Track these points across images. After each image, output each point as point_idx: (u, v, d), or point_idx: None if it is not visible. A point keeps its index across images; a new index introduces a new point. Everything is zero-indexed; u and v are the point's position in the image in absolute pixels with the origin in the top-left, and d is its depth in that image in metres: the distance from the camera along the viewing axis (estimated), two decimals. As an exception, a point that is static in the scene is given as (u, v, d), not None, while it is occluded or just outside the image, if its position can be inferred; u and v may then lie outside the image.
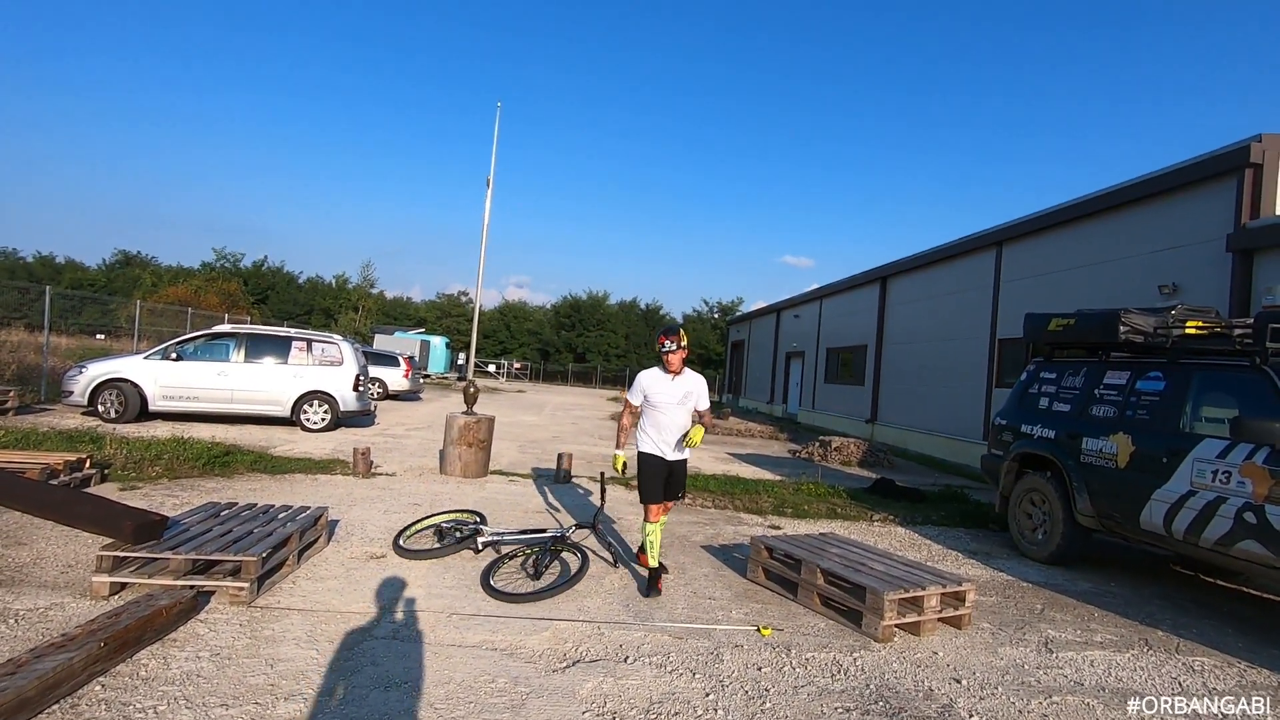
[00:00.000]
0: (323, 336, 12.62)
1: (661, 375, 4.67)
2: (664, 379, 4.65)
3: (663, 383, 4.65)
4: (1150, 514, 5.24)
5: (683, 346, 4.61)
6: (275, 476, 7.53)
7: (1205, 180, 9.59)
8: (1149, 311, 5.98)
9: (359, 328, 49.60)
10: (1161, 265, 10.16)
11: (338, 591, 4.16)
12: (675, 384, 4.64)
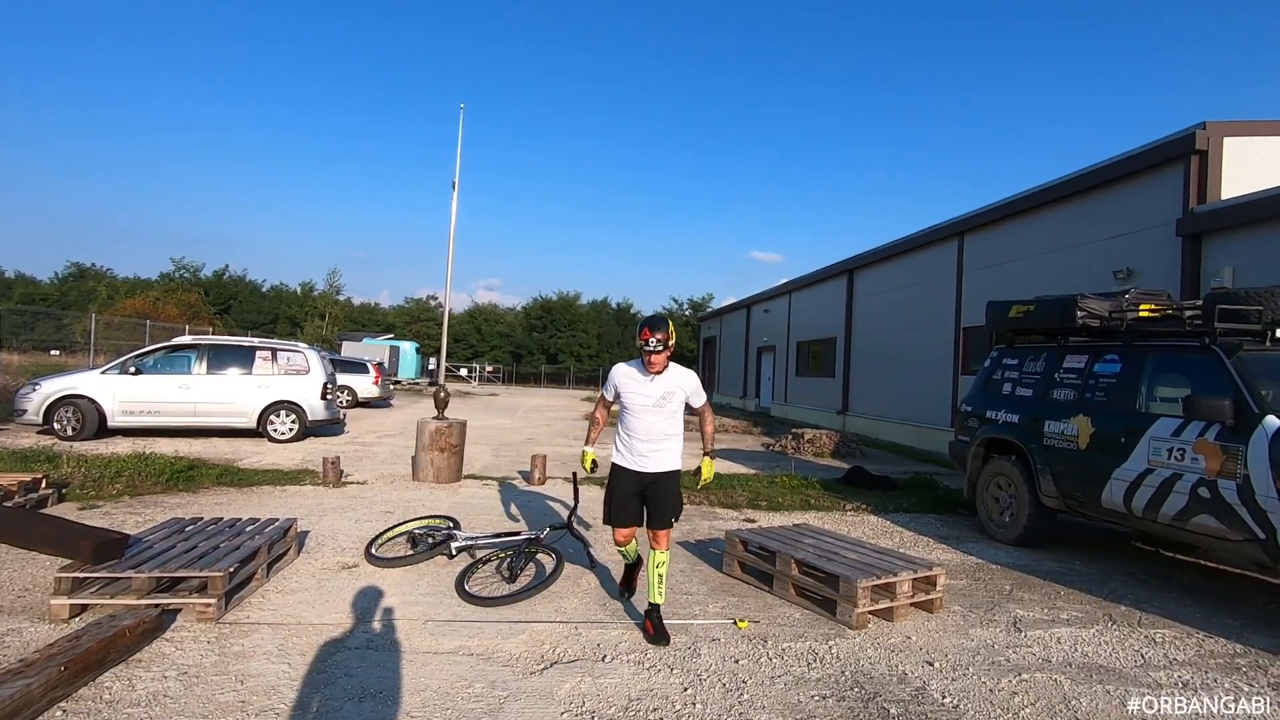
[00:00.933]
0: (288, 345, 12.40)
1: (638, 373, 3.90)
2: (639, 378, 3.89)
3: (638, 382, 3.89)
4: (1111, 493, 5.39)
5: (669, 346, 3.76)
6: (242, 489, 7.38)
7: (1154, 167, 9.89)
8: (1104, 296, 6.14)
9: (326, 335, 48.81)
10: (1116, 251, 10.46)
11: (309, 603, 4.09)
12: (653, 384, 3.87)
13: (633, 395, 3.90)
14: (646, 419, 3.88)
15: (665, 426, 3.90)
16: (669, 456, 3.95)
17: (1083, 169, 11.34)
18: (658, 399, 3.85)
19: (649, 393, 3.86)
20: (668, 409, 3.89)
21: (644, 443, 3.90)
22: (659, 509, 3.89)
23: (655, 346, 3.71)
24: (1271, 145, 9.36)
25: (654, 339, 3.70)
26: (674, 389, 3.90)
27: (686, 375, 3.98)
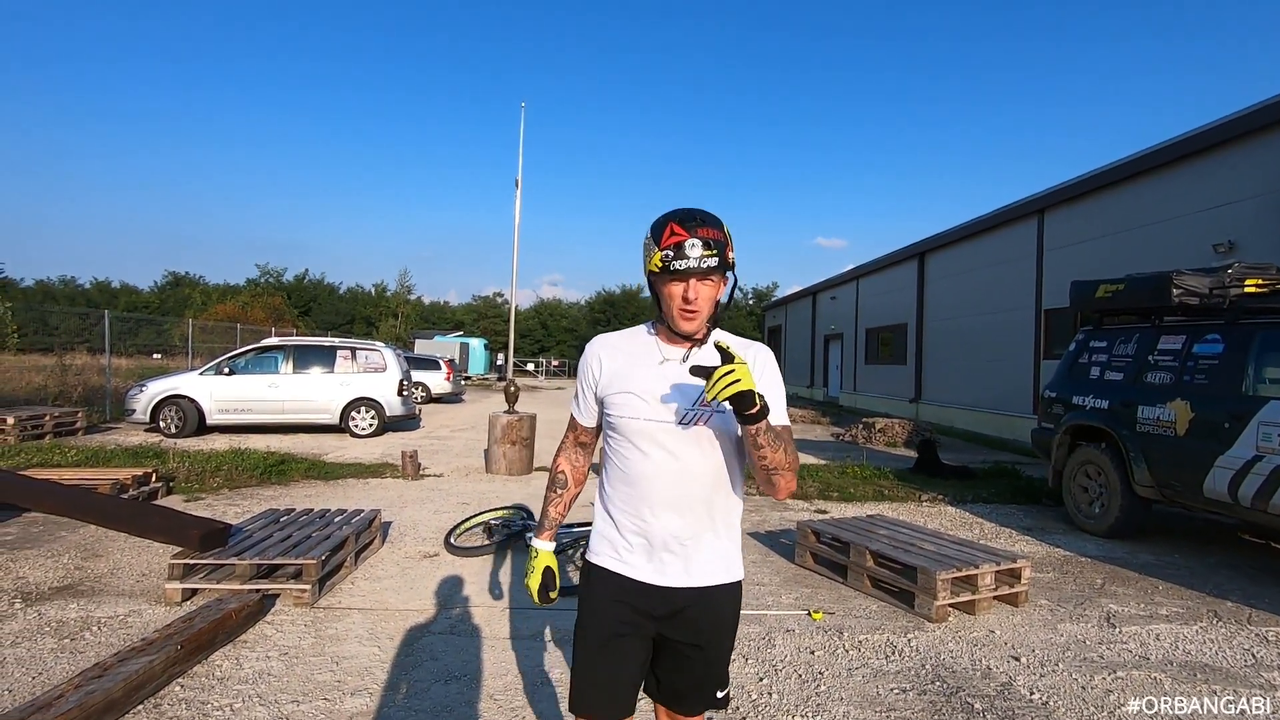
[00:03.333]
0: (366, 344, 12.93)
1: (642, 349, 1.70)
2: (647, 356, 1.68)
3: (645, 368, 1.66)
4: (1214, 482, 5.06)
5: (725, 264, 1.55)
6: (329, 482, 7.77)
7: (1257, 131, 9.15)
8: (1203, 272, 5.75)
9: (399, 334, 50.62)
10: (1214, 223, 9.74)
11: (395, 590, 4.28)
12: (682, 368, 1.62)
13: (635, 401, 1.63)
14: (667, 457, 1.61)
15: (709, 472, 1.64)
16: (720, 549, 1.69)
17: (1174, 137, 10.60)
18: (692, 407, 1.59)
19: (673, 393, 1.61)
20: (716, 430, 1.61)
21: (663, 515, 1.63)
22: (694, 674, 1.71)
23: (694, 261, 1.51)
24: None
25: (692, 240, 1.51)
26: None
27: (758, 354, 1.66)
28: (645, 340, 1.72)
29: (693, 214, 1.55)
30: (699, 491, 1.62)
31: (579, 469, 1.91)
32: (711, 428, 1.59)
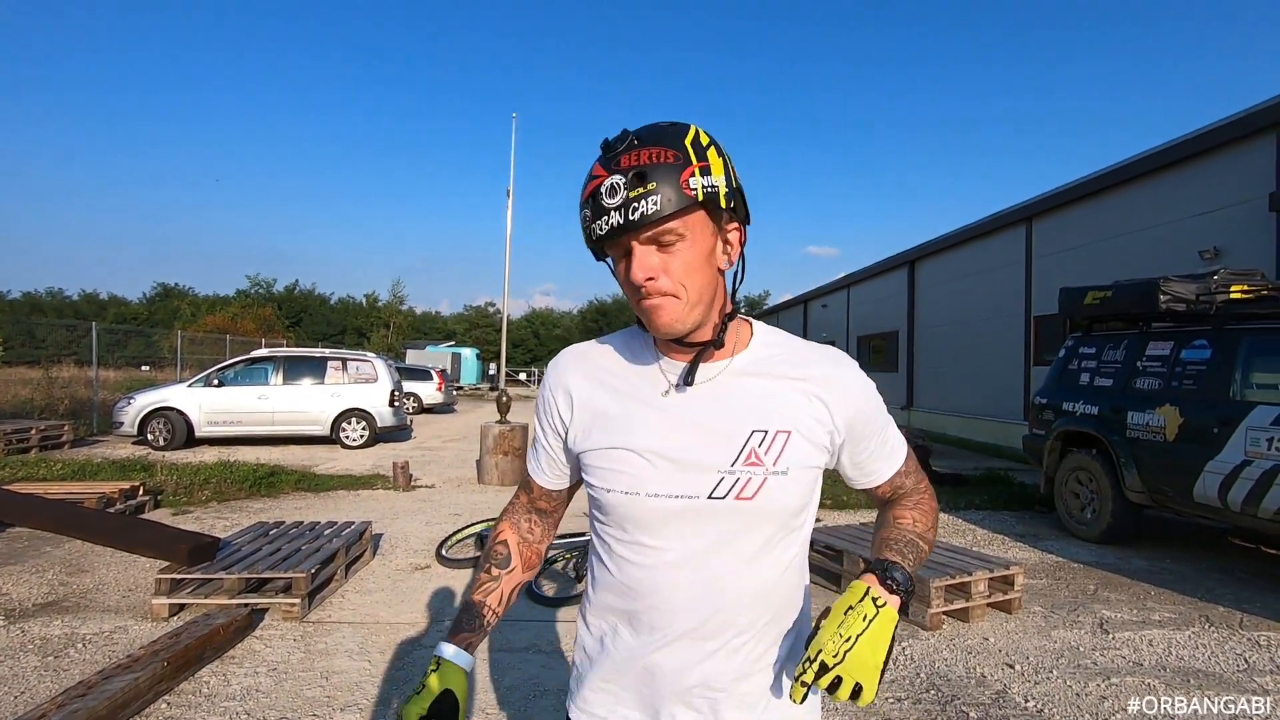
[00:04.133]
0: (357, 355, 12.87)
1: (648, 357, 1.02)
2: (654, 376, 1.00)
3: (651, 403, 0.98)
4: (1204, 487, 5.08)
5: (698, 203, 0.87)
6: (319, 494, 7.70)
7: (1242, 139, 9.27)
8: (1190, 278, 5.80)
9: (391, 344, 50.45)
10: (1200, 230, 9.84)
11: (386, 603, 4.24)
12: (687, 401, 0.97)
13: (633, 463, 0.96)
14: (688, 556, 0.95)
15: (761, 576, 0.97)
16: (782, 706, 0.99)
17: (1160, 145, 10.73)
18: (731, 468, 0.93)
19: (689, 442, 0.95)
20: (774, 502, 0.94)
21: (680, 650, 0.96)
22: None
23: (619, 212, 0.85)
24: (1376, 108, 8.63)
25: (610, 179, 0.86)
26: (788, 415, 0.96)
27: (842, 379, 1.01)
28: (640, 352, 1.02)
29: (623, 135, 0.88)
30: (745, 609, 0.95)
31: (531, 546, 1.18)
32: (765, 501, 0.92)
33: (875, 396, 1.04)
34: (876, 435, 1.04)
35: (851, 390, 1.00)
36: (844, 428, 1.00)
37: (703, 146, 0.89)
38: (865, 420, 1.02)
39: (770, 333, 1.06)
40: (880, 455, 1.06)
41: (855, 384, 1.01)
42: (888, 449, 1.07)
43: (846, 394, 1.00)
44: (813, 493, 1.00)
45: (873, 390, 1.04)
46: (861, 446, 1.04)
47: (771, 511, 0.95)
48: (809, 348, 1.04)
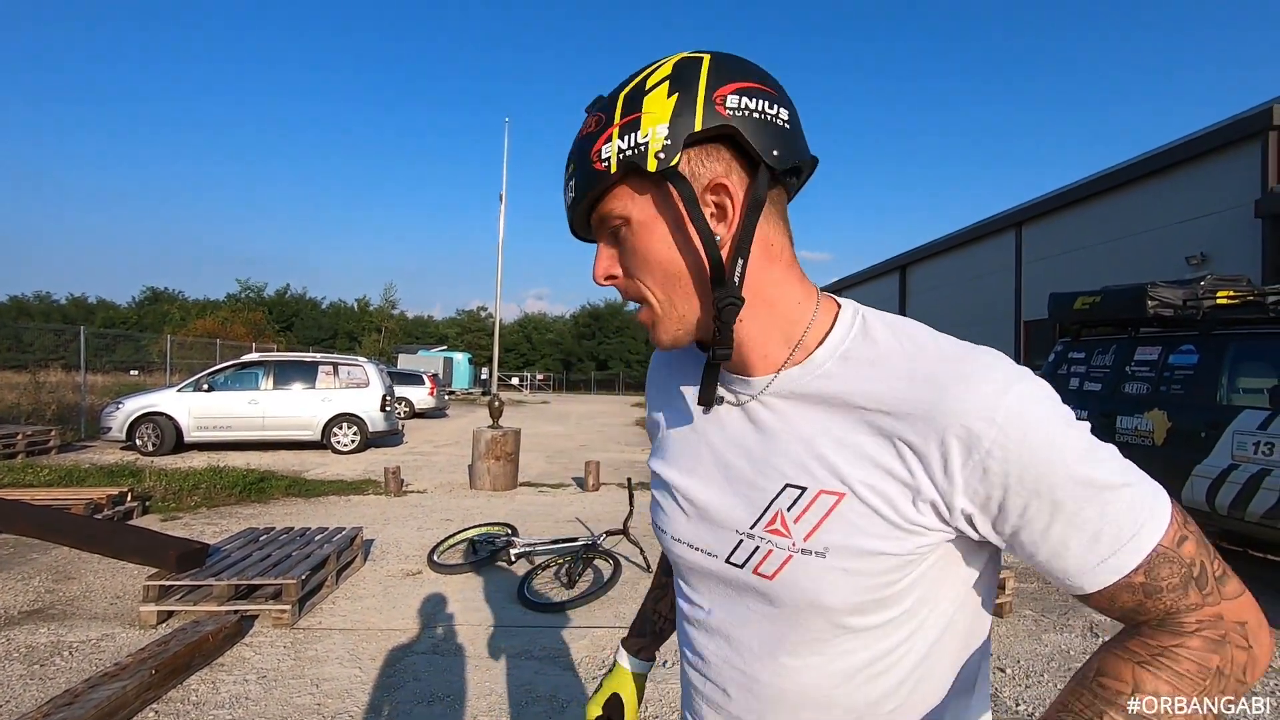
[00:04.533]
0: (348, 359, 12.83)
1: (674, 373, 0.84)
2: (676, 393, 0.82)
3: (687, 416, 0.80)
4: (1192, 491, 5.12)
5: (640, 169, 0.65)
6: (310, 500, 7.66)
7: (1228, 146, 9.38)
8: (1177, 284, 5.85)
9: (383, 348, 50.30)
10: (1188, 236, 9.95)
11: (377, 609, 4.21)
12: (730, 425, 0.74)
13: (667, 497, 0.80)
14: (715, 623, 0.75)
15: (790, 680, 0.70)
16: None
17: (1148, 151, 10.84)
18: (749, 531, 0.70)
19: (710, 479, 0.75)
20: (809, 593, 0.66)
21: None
22: None
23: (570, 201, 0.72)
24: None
25: (569, 161, 0.72)
26: (842, 468, 0.65)
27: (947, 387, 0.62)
28: (698, 356, 0.80)
29: (595, 101, 0.71)
30: (787, 713, 0.71)
31: None
32: (788, 588, 0.67)
33: (1045, 436, 0.59)
34: (1046, 509, 0.60)
35: (976, 429, 0.59)
36: (965, 495, 0.61)
37: (642, 93, 0.65)
38: (1017, 482, 0.60)
39: (864, 326, 0.69)
40: (1062, 544, 0.61)
41: (986, 416, 0.59)
42: (1080, 534, 0.60)
43: (967, 436, 0.60)
44: (888, 587, 0.65)
45: (1040, 424, 0.59)
46: (1015, 523, 0.62)
47: (799, 603, 0.67)
48: (921, 353, 0.66)
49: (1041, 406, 0.61)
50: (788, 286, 0.69)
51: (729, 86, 0.64)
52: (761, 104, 0.65)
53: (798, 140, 0.67)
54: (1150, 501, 0.62)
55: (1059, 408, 0.61)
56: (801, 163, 0.68)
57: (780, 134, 0.65)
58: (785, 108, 0.67)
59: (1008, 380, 0.61)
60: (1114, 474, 0.61)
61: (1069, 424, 0.61)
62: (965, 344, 0.67)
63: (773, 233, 0.69)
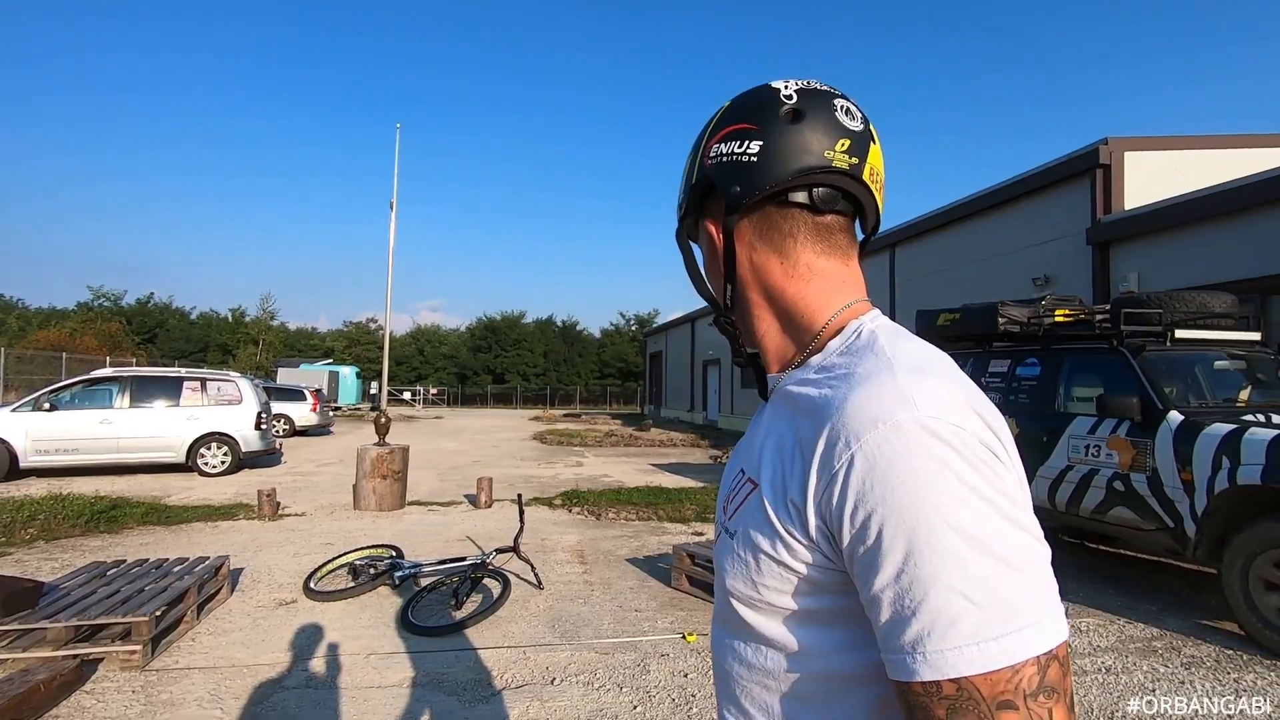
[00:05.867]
0: (219, 374, 11.95)
1: None
2: None
3: None
4: (1037, 490, 5.66)
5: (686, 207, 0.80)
6: (171, 528, 7.04)
7: (1065, 180, 10.51)
8: (1023, 303, 6.48)
9: (260, 362, 47.09)
10: (1035, 259, 11.04)
11: (244, 644, 3.93)
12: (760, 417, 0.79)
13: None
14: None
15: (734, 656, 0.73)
16: None
17: (1003, 181, 11.96)
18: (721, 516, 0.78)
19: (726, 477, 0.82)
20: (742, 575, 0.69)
21: None
22: None
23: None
24: (1166, 159, 10.07)
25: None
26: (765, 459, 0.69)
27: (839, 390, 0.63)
28: None
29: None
30: (732, 693, 0.74)
31: None
32: (719, 557, 0.74)
33: (896, 475, 0.54)
34: (867, 561, 0.55)
35: (837, 448, 0.58)
36: (815, 512, 0.60)
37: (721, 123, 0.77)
38: (848, 517, 0.56)
39: (855, 338, 0.69)
40: (881, 614, 0.54)
41: (846, 436, 0.57)
42: (888, 607, 0.53)
43: (826, 452, 0.59)
44: (764, 590, 0.65)
45: (895, 463, 0.54)
46: (851, 566, 0.58)
47: (719, 573, 0.74)
48: (862, 363, 0.64)
49: (919, 451, 0.54)
50: (801, 299, 0.74)
51: (716, 136, 0.75)
52: (733, 145, 0.73)
53: (771, 167, 0.70)
54: (990, 626, 0.50)
55: (953, 463, 0.54)
56: (779, 186, 0.71)
57: (743, 169, 0.72)
58: (765, 139, 0.71)
59: (889, 411, 0.56)
60: (971, 565, 0.51)
61: (961, 485, 0.53)
62: (909, 360, 0.63)
63: (782, 254, 0.74)
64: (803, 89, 0.74)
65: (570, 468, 12.97)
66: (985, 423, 0.59)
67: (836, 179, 0.72)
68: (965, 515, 0.52)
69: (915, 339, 0.69)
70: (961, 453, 0.55)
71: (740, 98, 0.76)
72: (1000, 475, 0.56)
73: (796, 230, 0.74)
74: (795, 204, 0.73)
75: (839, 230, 0.75)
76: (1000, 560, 0.52)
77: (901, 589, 0.52)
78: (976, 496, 0.53)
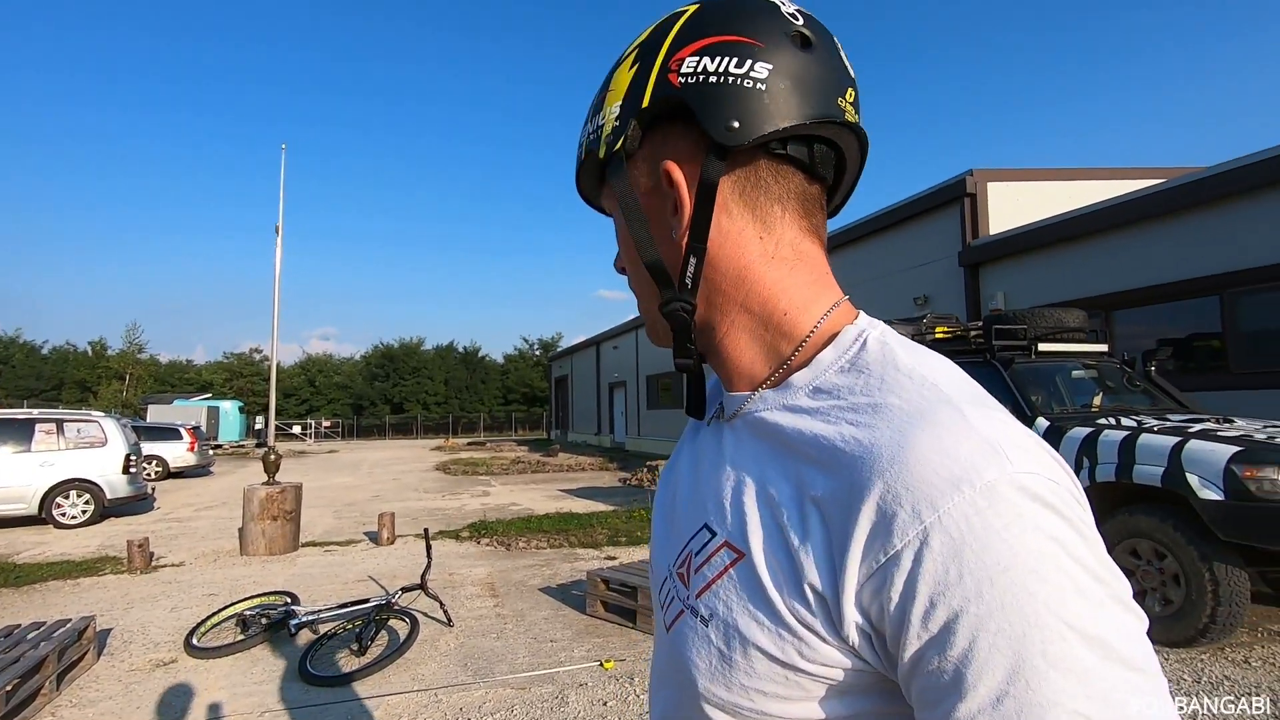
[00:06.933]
0: (78, 415, 10.84)
1: None
2: None
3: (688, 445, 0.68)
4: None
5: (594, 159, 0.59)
6: (21, 589, 6.27)
7: (938, 207, 11.39)
8: (908, 321, 6.93)
9: (127, 399, 43.12)
10: (915, 279, 11.86)
11: (114, 713, 3.54)
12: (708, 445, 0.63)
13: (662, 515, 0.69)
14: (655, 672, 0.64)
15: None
16: None
17: (887, 207, 12.81)
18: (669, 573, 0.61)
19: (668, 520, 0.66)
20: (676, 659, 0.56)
21: None
22: None
23: None
24: (1023, 188, 11.13)
25: None
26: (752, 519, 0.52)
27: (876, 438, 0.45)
28: None
29: None
30: None
31: None
32: (678, 647, 0.56)
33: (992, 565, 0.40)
34: (942, 678, 0.40)
35: (899, 520, 0.42)
36: (854, 604, 0.45)
37: (618, 61, 0.59)
38: (919, 619, 0.41)
39: (859, 352, 0.53)
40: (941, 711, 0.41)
41: (912, 504, 0.42)
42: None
43: (879, 523, 0.43)
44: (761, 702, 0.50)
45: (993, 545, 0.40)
46: (908, 676, 0.43)
47: (679, 672, 0.55)
48: (890, 392, 0.49)
49: (1022, 528, 0.40)
50: (781, 292, 0.56)
51: (692, 46, 0.54)
52: (726, 62, 0.52)
53: (782, 103, 0.52)
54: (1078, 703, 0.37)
55: (1061, 545, 0.40)
56: (791, 130, 0.52)
57: (744, 98, 0.52)
58: (774, 61, 0.52)
59: (977, 470, 0.42)
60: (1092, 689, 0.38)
61: (1070, 581, 0.40)
62: (964, 388, 0.49)
63: (764, 225, 0.56)
64: (803, 10, 0.56)
65: (477, 498, 12.61)
66: (1067, 471, 0.45)
67: (847, 137, 0.56)
68: (1084, 609, 0.39)
69: (935, 354, 0.53)
70: (1071, 521, 0.42)
71: (726, 5, 0.55)
72: (1100, 542, 0.43)
73: (787, 197, 0.56)
74: (792, 160, 0.55)
75: (820, 208, 0.59)
76: (1126, 664, 0.39)
77: (1002, 717, 0.38)
78: (1090, 578, 0.40)
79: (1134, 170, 11.92)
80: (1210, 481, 3.92)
